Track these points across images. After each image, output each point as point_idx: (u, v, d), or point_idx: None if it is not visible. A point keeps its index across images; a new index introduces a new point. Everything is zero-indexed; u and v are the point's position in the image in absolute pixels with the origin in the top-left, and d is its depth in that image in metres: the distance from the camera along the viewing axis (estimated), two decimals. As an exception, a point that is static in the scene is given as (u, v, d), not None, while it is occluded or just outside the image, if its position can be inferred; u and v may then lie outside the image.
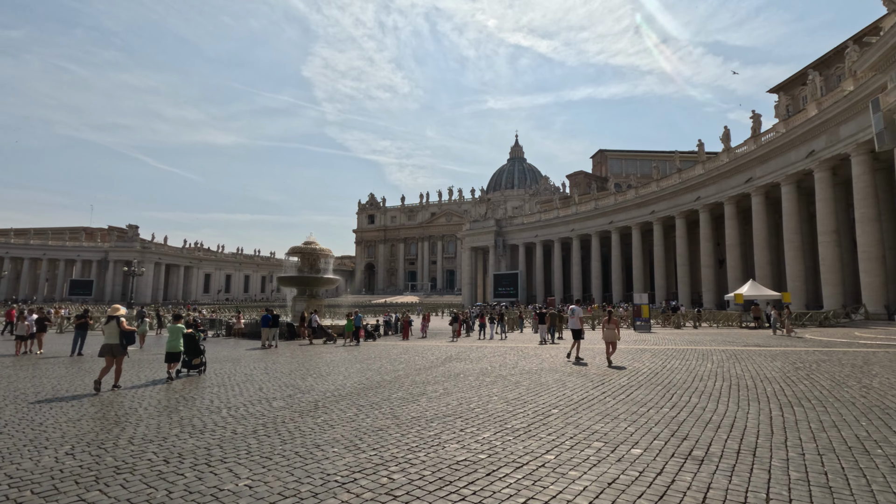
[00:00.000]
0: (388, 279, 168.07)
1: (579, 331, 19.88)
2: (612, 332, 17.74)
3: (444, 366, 17.47)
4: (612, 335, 17.75)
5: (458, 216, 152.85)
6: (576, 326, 20.01)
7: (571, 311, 21.00)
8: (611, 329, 17.75)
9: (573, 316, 20.57)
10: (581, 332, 19.99)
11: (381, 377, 14.70)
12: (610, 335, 17.74)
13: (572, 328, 20.12)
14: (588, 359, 18.84)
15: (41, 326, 22.85)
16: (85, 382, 13.75)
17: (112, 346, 12.78)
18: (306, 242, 43.94)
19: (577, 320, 20.25)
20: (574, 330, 19.97)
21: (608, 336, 17.78)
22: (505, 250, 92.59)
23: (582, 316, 21.18)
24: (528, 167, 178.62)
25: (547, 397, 11.09)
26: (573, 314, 20.67)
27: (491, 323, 36.18)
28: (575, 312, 20.67)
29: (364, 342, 30.24)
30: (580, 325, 20.22)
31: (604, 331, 18.01)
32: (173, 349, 14.66)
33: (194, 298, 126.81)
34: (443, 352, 23.21)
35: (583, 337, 20.06)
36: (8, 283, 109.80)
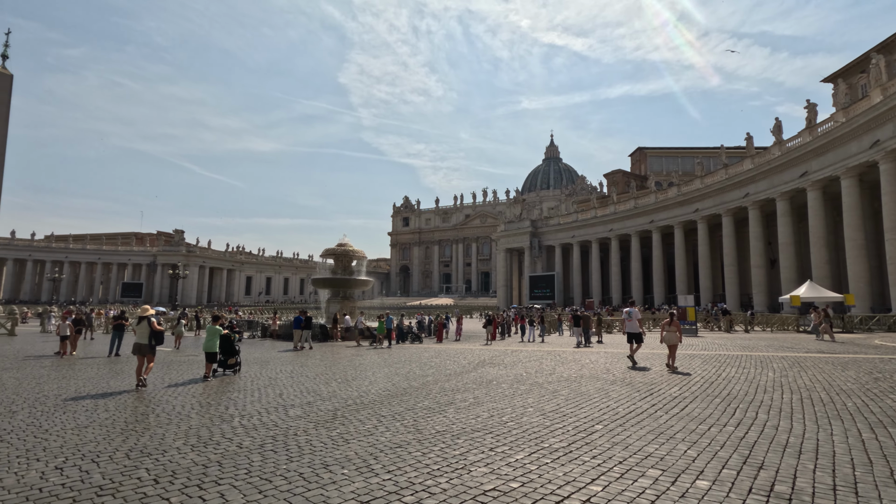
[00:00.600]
0: (423, 281, 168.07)
1: (638, 334, 18.48)
2: (673, 335, 16.45)
3: (476, 371, 16.45)
4: (674, 338, 16.45)
5: (493, 218, 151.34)
6: (634, 329, 18.60)
7: (628, 314, 19.38)
8: (672, 332, 16.46)
9: (630, 318, 19.01)
10: (640, 335, 18.60)
11: (409, 383, 13.83)
12: (671, 338, 16.43)
13: (630, 331, 18.69)
14: (624, 364, 17.42)
15: (78, 328, 23.07)
16: (110, 384, 13.48)
17: (142, 346, 13.41)
18: (340, 244, 43.75)
19: (636, 323, 18.78)
20: (632, 333, 18.59)
21: (669, 339, 16.48)
22: (541, 251, 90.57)
23: (640, 318, 19.59)
24: (564, 167, 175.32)
25: (589, 409, 9.92)
26: (630, 316, 19.08)
27: (531, 325, 35.05)
28: (632, 315, 19.08)
29: (396, 345, 29.63)
30: (639, 327, 18.78)
31: (664, 334, 16.74)
32: (210, 349, 15.13)
33: (236, 300, 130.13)
34: (476, 356, 22.18)
35: (642, 340, 18.69)
36: (67, 286, 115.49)
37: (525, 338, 33.93)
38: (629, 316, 19.20)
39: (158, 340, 13.81)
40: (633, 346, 18.25)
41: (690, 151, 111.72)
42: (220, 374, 15.56)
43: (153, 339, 13.55)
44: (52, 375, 15.34)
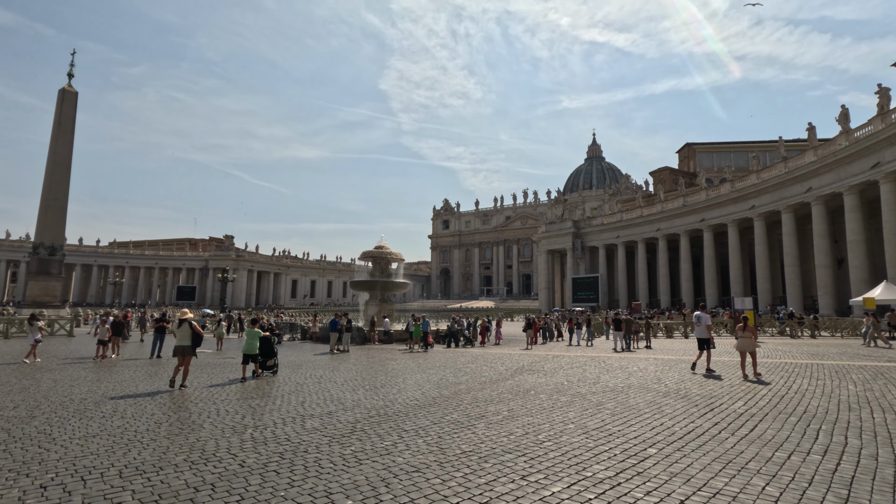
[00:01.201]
0: (464, 284, 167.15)
1: (707, 340, 16.93)
2: (748, 341, 14.98)
3: (513, 379, 15.34)
4: (750, 344, 14.99)
5: (534, 219, 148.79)
6: (703, 335, 17.02)
7: (697, 318, 17.61)
8: (747, 337, 14.98)
9: (699, 323, 17.32)
10: (710, 341, 17.04)
11: (440, 391, 12.91)
12: (746, 344, 14.94)
13: (700, 337, 17.12)
14: (676, 373, 15.84)
15: (117, 331, 22.71)
16: (139, 387, 13.27)
17: (183, 348, 13.70)
18: (377, 247, 43.45)
19: (705, 328, 17.16)
20: (701, 339, 17.03)
21: (744, 345, 14.99)
22: (583, 253, 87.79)
23: (710, 323, 17.85)
24: (607, 166, 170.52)
25: (639, 428, 8.68)
26: (699, 321, 17.39)
27: (578, 329, 33.65)
28: (701, 319, 17.35)
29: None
30: (708, 332, 17.18)
31: (738, 339, 15.31)
32: (249, 350, 15.30)
33: (282, 303, 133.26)
34: (514, 361, 21.03)
35: (713, 346, 17.14)
36: (127, 289, 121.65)
37: (573, 341, 32.79)
38: (698, 320, 17.46)
39: (198, 342, 14.17)
40: (702, 353, 16.81)
41: (744, 146, 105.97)
42: (260, 375, 15.85)
43: (194, 341, 13.94)
44: (87, 378, 15.36)
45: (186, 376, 13.84)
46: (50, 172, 78.18)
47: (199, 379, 15.25)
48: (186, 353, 13.68)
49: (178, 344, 13.79)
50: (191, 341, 13.84)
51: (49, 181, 77.80)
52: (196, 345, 14.12)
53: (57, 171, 78.08)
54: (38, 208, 78.89)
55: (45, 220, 79.54)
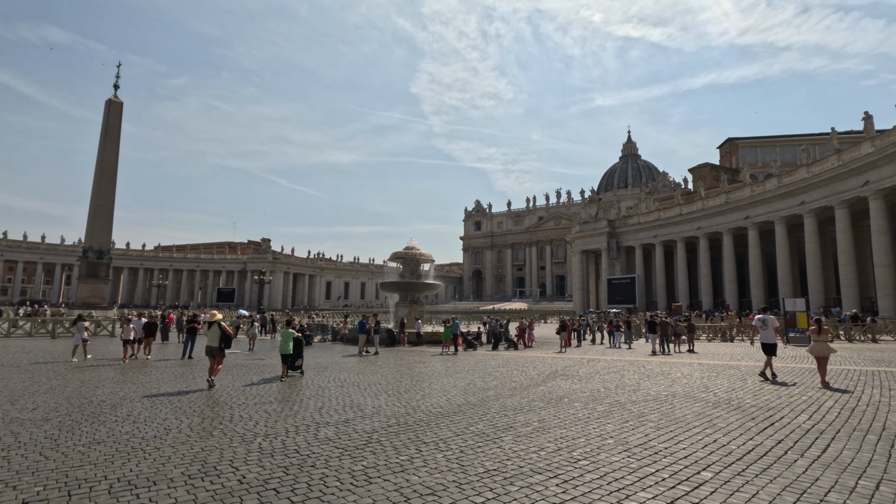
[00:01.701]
0: (496, 285, 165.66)
1: (773, 345, 15.63)
2: (824, 345, 13.80)
3: (546, 385, 14.39)
4: (826, 348, 13.81)
5: (567, 219, 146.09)
6: (770, 339, 15.68)
7: (762, 322, 16.16)
8: (823, 340, 13.83)
9: (765, 326, 15.91)
10: (775, 346, 15.74)
11: (466, 398, 12.11)
12: (822, 348, 13.73)
13: (766, 341, 15.78)
14: (725, 379, 14.51)
15: (150, 331, 22.28)
16: (162, 389, 13.01)
17: (213, 348, 14.10)
18: (407, 248, 42.96)
19: (772, 332, 15.79)
20: (767, 344, 15.71)
21: (820, 350, 13.76)
22: (619, 253, 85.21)
23: (777, 326, 16.39)
24: (643, 164, 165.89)
25: (689, 445, 7.66)
26: (765, 324, 15.95)
27: (617, 331, 32.34)
28: (767, 322, 15.92)
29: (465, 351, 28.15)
30: (775, 337, 15.82)
31: (812, 343, 14.15)
32: (284, 351, 15.61)
33: (317, 304, 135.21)
34: (547, 365, 20.00)
35: (775, 353, 15.84)
36: (171, 291, 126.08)
37: (613, 344, 31.81)
38: (763, 324, 15.99)
39: (227, 343, 14.58)
40: (770, 358, 15.59)
41: (791, 139, 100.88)
42: (286, 376, 15.90)
43: (223, 342, 14.29)
44: (114, 379, 15.29)
45: (215, 374, 14.14)
46: (98, 179, 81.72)
47: (225, 380, 14.95)
48: (216, 354, 14.11)
49: (208, 345, 14.27)
50: (219, 342, 14.22)
51: (97, 188, 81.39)
52: (225, 345, 14.50)
53: (104, 178, 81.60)
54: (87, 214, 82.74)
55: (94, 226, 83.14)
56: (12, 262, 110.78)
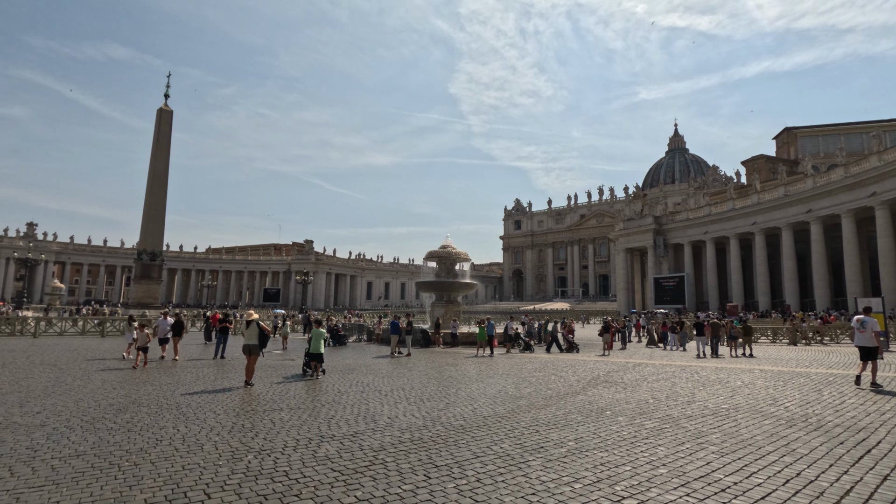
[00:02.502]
0: (537, 285, 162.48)
1: (874, 349, 13.71)
2: None
3: (586, 393, 12.92)
4: None
5: (610, 217, 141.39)
6: (869, 343, 13.73)
7: (861, 323, 14.06)
8: None
9: (863, 329, 13.87)
10: (875, 350, 13.85)
11: (494, 408, 10.85)
12: None
13: (863, 345, 13.84)
14: (795, 390, 12.55)
15: (177, 331, 21.34)
16: (179, 391, 12.44)
17: (251, 347, 14.35)
18: (443, 246, 41.92)
19: (872, 335, 13.80)
20: (864, 348, 13.79)
21: None
22: (666, 250, 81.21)
23: (878, 329, 14.29)
24: (692, 158, 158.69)
25: (765, 478, 6.13)
26: (864, 326, 13.89)
27: (672, 332, 30.26)
28: (867, 324, 13.84)
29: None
30: (876, 340, 13.85)
31: None
32: (315, 350, 15.84)
33: (359, 305, 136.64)
34: (588, 370, 18.42)
35: (881, 356, 13.90)
36: (221, 292, 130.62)
37: (668, 346, 30.04)
38: (862, 326, 13.92)
39: (264, 342, 15.09)
40: (866, 364, 13.77)
41: (857, 126, 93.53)
42: (309, 374, 16.13)
43: (261, 341, 14.71)
44: (135, 380, 14.93)
45: (252, 374, 14.28)
46: (150, 185, 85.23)
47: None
48: (253, 352, 14.34)
49: (246, 343, 14.52)
50: (258, 340, 14.56)
51: (149, 193, 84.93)
52: (262, 344, 14.96)
53: (156, 184, 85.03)
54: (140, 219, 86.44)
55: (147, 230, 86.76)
56: (78, 264, 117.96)
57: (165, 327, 20.89)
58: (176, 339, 21.34)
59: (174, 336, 21.26)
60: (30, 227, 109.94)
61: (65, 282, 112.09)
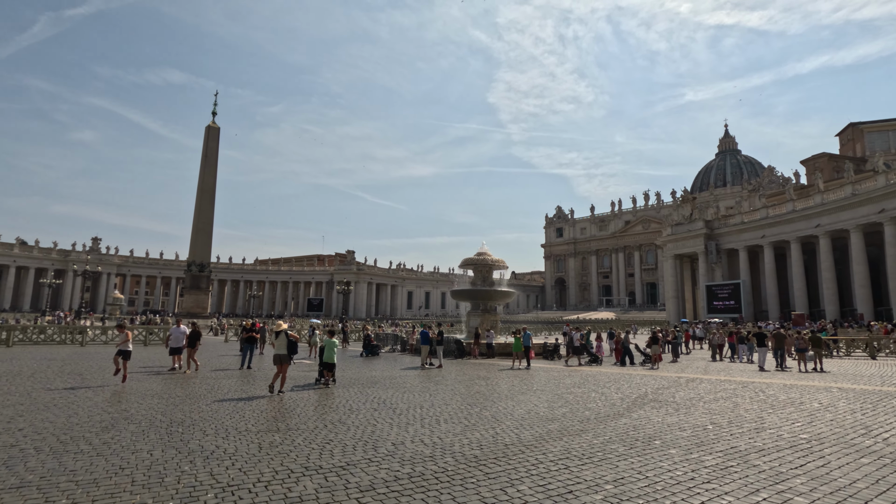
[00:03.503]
0: (581, 294, 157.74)
1: None
2: None
3: (630, 415, 11.12)
4: None
5: (657, 222, 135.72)
6: None
7: None
8: None
9: None
10: None
11: (519, 434, 9.28)
12: None
13: None
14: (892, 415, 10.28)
15: (192, 342, 19.73)
16: (184, 404, 11.58)
17: (281, 356, 14.60)
18: (478, 254, 40.42)
19: None
20: None
21: None
22: (719, 256, 76.40)
23: None
24: (744, 159, 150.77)
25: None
26: None
27: (740, 344, 27.63)
28: None
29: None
30: None
31: None
32: (328, 359, 16.11)
33: (399, 314, 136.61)
34: (634, 386, 16.46)
35: None
36: (267, 302, 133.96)
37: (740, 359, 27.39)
38: None
39: (293, 351, 15.27)
40: None
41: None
42: (322, 382, 16.24)
43: (289, 350, 14.89)
44: (150, 392, 14.24)
45: (283, 382, 14.57)
46: (199, 199, 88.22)
47: (255, 390, 13.33)
48: (284, 361, 14.57)
49: (276, 353, 14.76)
50: (287, 349, 14.75)
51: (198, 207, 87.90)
52: (292, 353, 15.12)
53: (204, 198, 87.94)
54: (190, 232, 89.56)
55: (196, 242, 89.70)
56: (137, 276, 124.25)
57: (178, 336, 19.65)
58: (191, 351, 19.79)
59: (189, 347, 19.74)
60: (94, 242, 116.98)
61: (125, 293, 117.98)
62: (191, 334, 20.05)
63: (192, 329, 20.43)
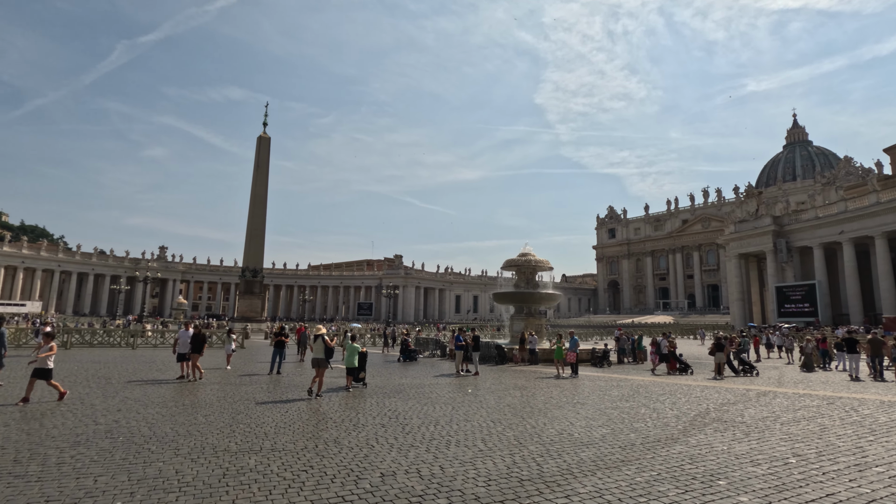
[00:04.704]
0: (636, 297, 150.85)
1: None
2: None
3: (687, 441, 9.07)
4: None
5: (718, 220, 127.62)
6: None
7: None
8: None
9: None
10: None
11: (541, 465, 7.50)
12: None
13: None
14: None
15: (197, 346, 17.51)
16: (185, 413, 10.64)
17: (318, 360, 14.83)
18: (521, 254, 38.41)
19: None
20: None
21: None
22: (790, 255, 70.08)
23: None
24: (816, 151, 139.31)
25: None
26: None
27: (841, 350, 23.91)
28: None
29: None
30: None
31: None
32: (349, 364, 16.02)
33: (447, 318, 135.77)
34: (694, 400, 14.17)
35: None
36: (319, 306, 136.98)
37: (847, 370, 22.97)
38: None
39: (330, 354, 15.53)
40: None
41: None
42: (356, 386, 16.40)
43: (326, 354, 15.13)
44: (153, 400, 13.52)
45: (321, 386, 14.75)
46: (252, 207, 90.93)
47: (265, 396, 12.24)
48: (321, 365, 14.75)
49: (314, 357, 14.98)
50: (324, 354, 14.96)
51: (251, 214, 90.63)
52: (329, 356, 15.41)
53: (256, 206, 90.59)
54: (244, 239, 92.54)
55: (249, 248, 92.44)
56: (200, 282, 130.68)
57: (186, 340, 17.73)
58: (195, 357, 17.52)
59: (193, 353, 17.51)
60: (161, 251, 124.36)
61: (189, 298, 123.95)
62: (193, 338, 17.68)
63: (195, 332, 17.90)
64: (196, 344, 17.56)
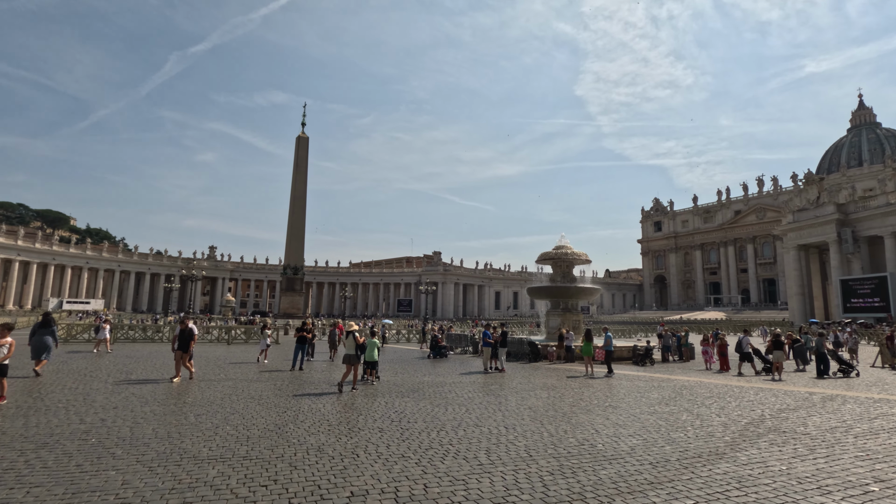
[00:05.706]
0: (684, 292, 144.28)
1: None
2: None
3: (735, 457, 7.50)
4: None
5: (774, 210, 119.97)
6: None
7: None
8: None
9: None
10: None
11: (547, 487, 6.19)
12: None
13: None
14: None
15: (183, 343, 16.04)
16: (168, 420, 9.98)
17: (350, 356, 15.01)
18: (557, 247, 36.66)
19: None
20: None
21: None
22: (857, 246, 64.46)
23: None
24: (886, 133, 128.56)
25: None
26: None
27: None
28: None
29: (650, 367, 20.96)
30: None
31: None
32: (369, 358, 16.28)
33: (487, 314, 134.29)
34: (746, 405, 12.36)
35: None
36: (361, 303, 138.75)
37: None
38: None
39: (362, 350, 15.85)
40: None
41: None
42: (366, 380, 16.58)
43: (358, 350, 15.34)
44: (153, 397, 13.03)
45: (356, 380, 15.20)
46: (292, 206, 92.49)
47: (269, 392, 11.45)
48: (353, 361, 14.97)
49: (347, 353, 15.16)
50: (355, 350, 15.13)
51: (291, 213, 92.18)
52: (362, 352, 15.80)
53: (296, 205, 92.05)
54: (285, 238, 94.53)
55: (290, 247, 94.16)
56: (247, 280, 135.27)
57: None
58: (183, 355, 16.14)
59: (180, 350, 16.09)
60: (211, 251, 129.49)
61: (237, 295, 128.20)
62: (180, 334, 16.25)
63: (182, 327, 16.36)
64: (182, 342, 16.14)
